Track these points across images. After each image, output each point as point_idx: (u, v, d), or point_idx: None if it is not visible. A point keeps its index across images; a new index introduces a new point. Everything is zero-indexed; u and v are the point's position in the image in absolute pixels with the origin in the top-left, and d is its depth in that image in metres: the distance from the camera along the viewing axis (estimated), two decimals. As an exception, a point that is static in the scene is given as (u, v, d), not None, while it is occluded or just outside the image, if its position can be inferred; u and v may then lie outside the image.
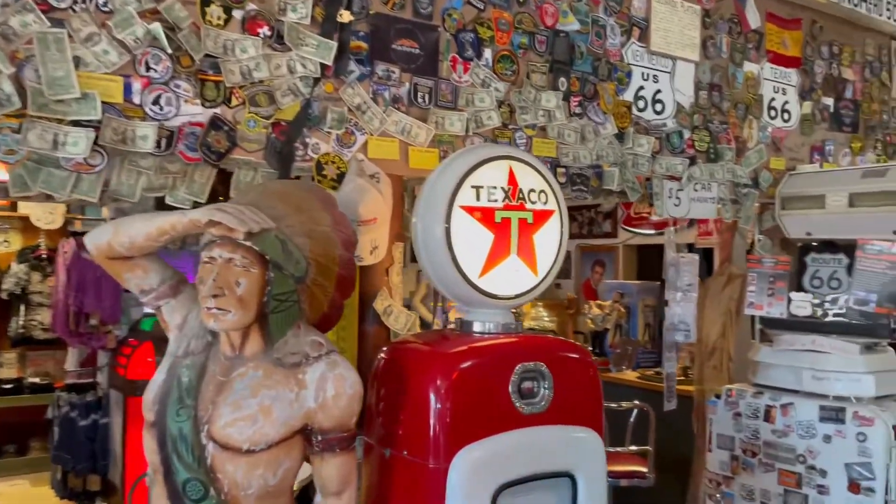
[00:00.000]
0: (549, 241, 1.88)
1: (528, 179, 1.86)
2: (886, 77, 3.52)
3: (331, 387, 1.56)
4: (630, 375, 4.14)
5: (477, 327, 1.87)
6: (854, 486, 2.36)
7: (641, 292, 4.55)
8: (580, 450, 1.81)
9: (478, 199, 1.80)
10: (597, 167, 2.56)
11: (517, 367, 1.74)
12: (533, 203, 1.85)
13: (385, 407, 1.82)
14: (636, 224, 5.72)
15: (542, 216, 1.87)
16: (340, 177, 2.08)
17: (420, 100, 2.24)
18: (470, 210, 1.78)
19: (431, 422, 1.68)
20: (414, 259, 2.01)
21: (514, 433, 1.72)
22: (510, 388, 1.73)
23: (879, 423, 2.32)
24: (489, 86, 2.34)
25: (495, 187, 1.81)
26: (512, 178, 1.84)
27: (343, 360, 1.61)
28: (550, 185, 1.90)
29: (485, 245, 1.79)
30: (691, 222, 5.47)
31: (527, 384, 1.76)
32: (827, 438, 2.43)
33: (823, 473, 2.43)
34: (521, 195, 1.84)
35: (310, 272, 1.63)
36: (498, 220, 1.80)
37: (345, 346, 2.08)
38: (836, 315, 2.64)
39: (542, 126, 2.45)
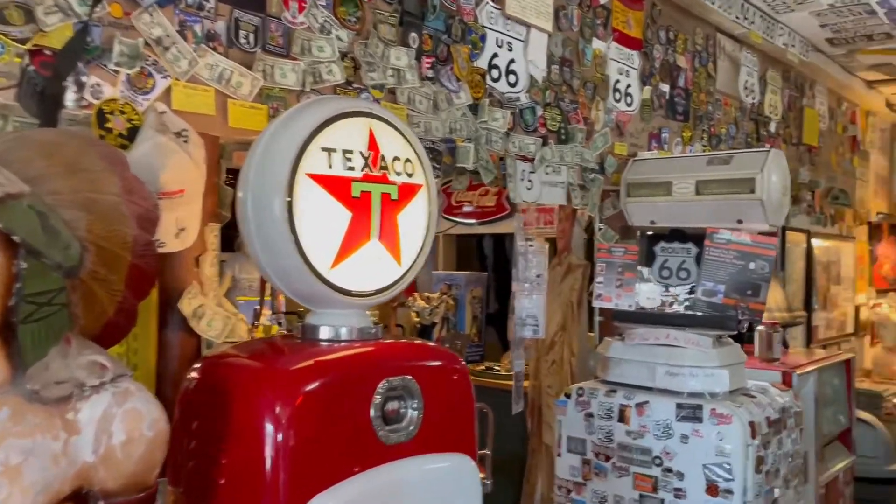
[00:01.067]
0: (416, 222, 1.50)
1: (392, 145, 1.46)
2: (712, 69, 3.56)
3: (119, 429, 1.07)
4: (460, 372, 3.90)
5: (325, 333, 1.44)
6: (712, 489, 2.25)
7: (470, 283, 4.33)
8: (456, 485, 1.46)
9: (330, 165, 1.36)
10: (450, 142, 2.22)
11: (380, 385, 1.35)
12: (398, 174, 1.46)
13: (197, 447, 1.34)
14: (456, 213, 5.51)
15: (408, 191, 1.48)
16: (133, 132, 1.54)
17: (243, 40, 1.75)
18: (320, 180, 1.35)
19: (266, 466, 1.23)
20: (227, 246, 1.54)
21: (376, 471, 1.33)
22: (372, 413, 1.33)
23: (737, 421, 2.22)
24: (329, 32, 1.90)
25: (352, 152, 1.39)
26: (373, 142, 1.43)
27: (139, 389, 1.11)
28: (418, 154, 1.52)
29: (339, 226, 1.37)
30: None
31: (392, 405, 1.37)
32: (684, 438, 2.30)
33: (681, 476, 2.30)
34: (383, 164, 1.44)
35: (86, 261, 1.11)
36: (356, 193, 1.39)
37: (139, 363, 1.54)
38: (684, 307, 2.55)
39: (392, 88, 2.06)
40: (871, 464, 3.90)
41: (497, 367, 3.81)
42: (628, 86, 3.01)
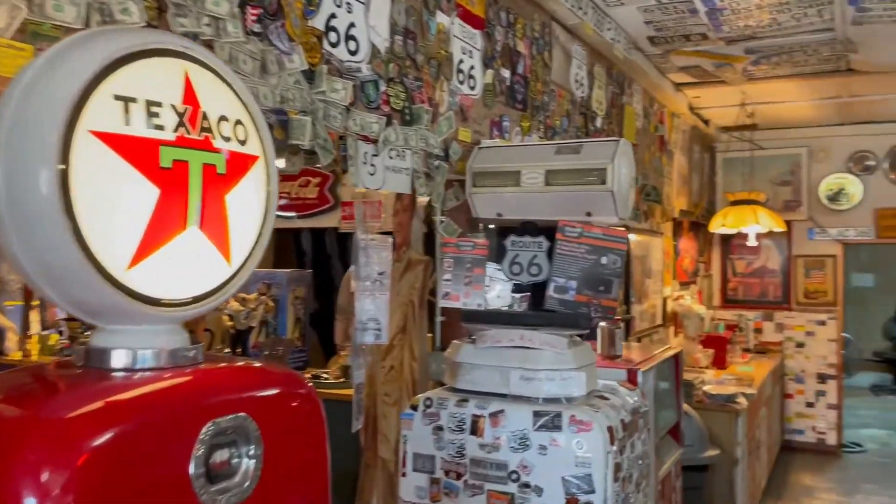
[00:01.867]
0: (251, 205, 1.14)
1: (218, 100, 1.09)
2: (548, 57, 3.46)
3: None
4: (281, 381, 3.49)
5: (120, 359, 1.03)
6: (572, 502, 2.08)
7: (292, 282, 3.91)
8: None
9: (127, 122, 0.96)
10: (281, 113, 1.85)
11: (204, 429, 0.97)
12: (226, 140, 1.09)
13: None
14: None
15: (239, 164, 1.11)
16: None
17: (-5, -48, 1.27)
18: (112, 141, 0.94)
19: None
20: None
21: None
22: (192, 470, 0.96)
23: (596, 428, 2.07)
24: (125, -42, 1.46)
25: (160, 104, 1.00)
26: (190, 93, 1.04)
27: None
28: (253, 116, 1.15)
29: (141, 209, 0.97)
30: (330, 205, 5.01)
31: (220, 455, 1.01)
32: (542, 450, 2.11)
33: (539, 491, 2.11)
34: (205, 124, 1.05)
35: None
36: (166, 163, 1.00)
37: None
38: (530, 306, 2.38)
39: (209, 41, 1.64)
40: (688, 451, 4.04)
41: (325, 375, 3.45)
42: (471, 67, 2.80)
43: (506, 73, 3.06)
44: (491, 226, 2.59)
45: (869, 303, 11.32)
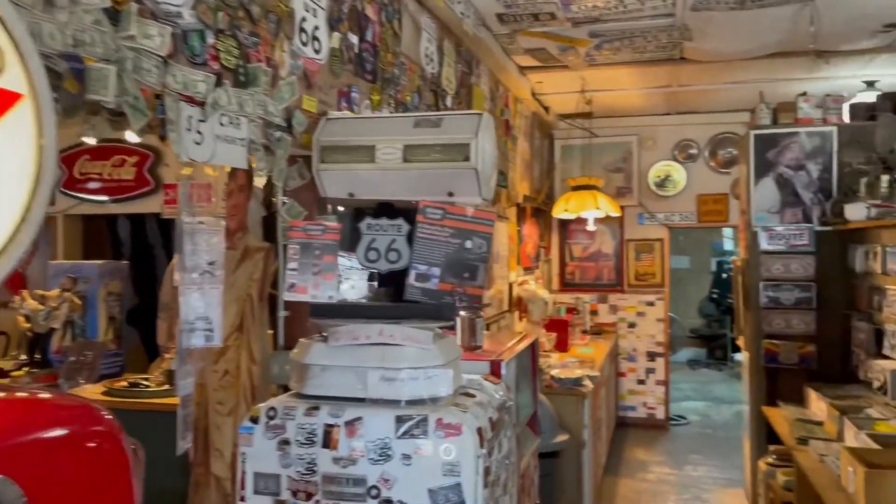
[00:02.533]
0: (11, 164, 0.77)
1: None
2: (398, 27, 3.20)
3: None
4: (92, 391, 2.96)
5: None
6: (441, 516, 1.85)
7: (104, 276, 3.37)
8: None
9: None
10: (75, 60, 1.44)
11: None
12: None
13: None
14: (81, 188, 4.41)
15: (-11, 102, 0.74)
16: None
17: None
18: None
19: None
20: None
21: None
22: None
23: (466, 430, 1.86)
24: None
25: None
26: None
27: None
28: (13, 38, 0.78)
29: None
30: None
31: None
32: (406, 459, 1.86)
33: (404, 506, 1.86)
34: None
35: None
36: None
37: None
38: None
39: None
40: (541, 438, 3.98)
41: (145, 383, 2.98)
42: (316, 28, 2.47)
43: (354, 39, 2.76)
44: (341, 208, 2.29)
45: (685, 283, 12.20)
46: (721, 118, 7.18)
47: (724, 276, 10.97)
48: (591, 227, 6.16)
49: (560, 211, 5.68)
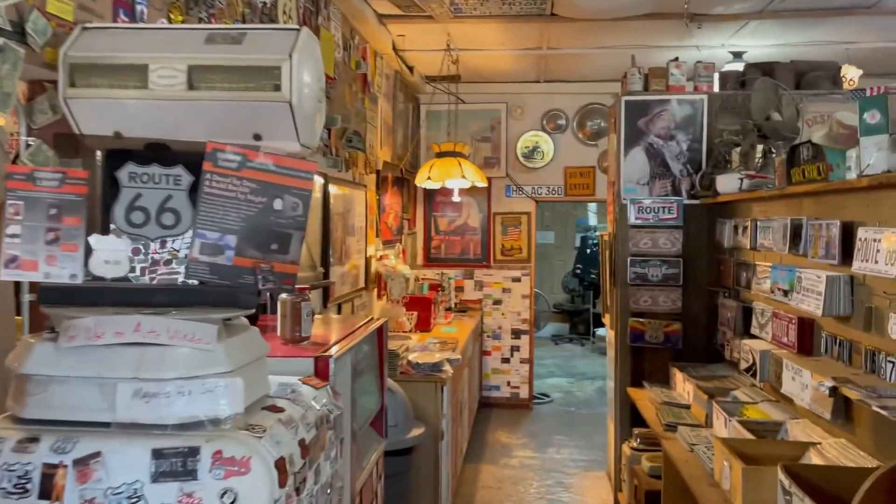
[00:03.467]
0: None
1: None
2: (213, -67, 2.54)
3: None
4: None
5: None
6: (219, 590, 1.30)
7: None
8: None
9: None
10: None
11: None
12: None
13: None
14: None
15: None
16: None
17: None
18: None
19: None
20: None
21: None
22: None
23: (258, 465, 1.31)
24: None
25: None
26: None
27: None
28: None
29: None
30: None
31: None
32: (168, 511, 1.30)
33: (163, 578, 1.29)
34: None
35: None
36: None
37: None
38: (169, 274, 1.53)
39: None
40: (392, 434, 3.50)
41: None
42: None
43: (140, -67, 2.08)
44: (100, 150, 1.65)
45: (550, 259, 12.18)
46: (590, 87, 6.94)
47: (589, 251, 10.99)
48: (456, 197, 5.73)
49: (423, 179, 5.20)
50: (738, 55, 5.36)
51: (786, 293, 3.21)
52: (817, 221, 2.86)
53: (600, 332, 10.30)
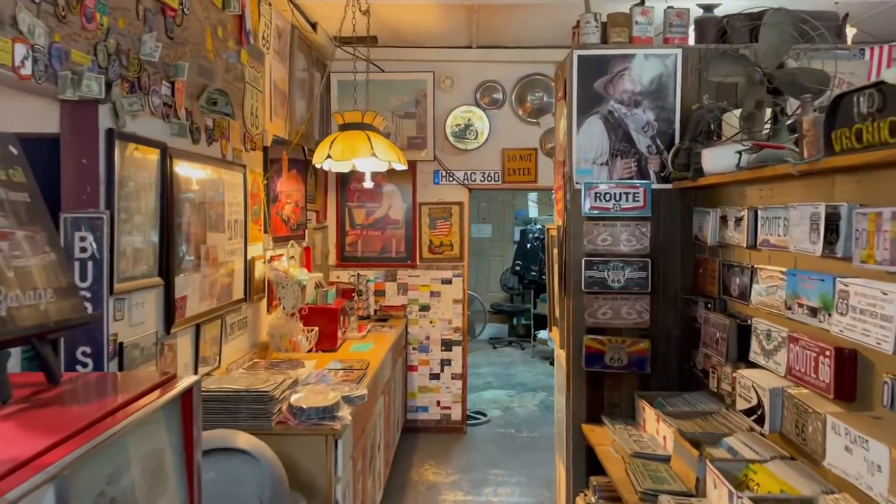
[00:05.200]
0: None
1: None
2: None
3: None
4: None
5: None
6: None
7: None
8: None
9: None
10: None
11: None
12: None
13: None
14: None
15: None
16: None
17: None
18: None
19: None
20: None
21: None
22: None
23: None
24: None
25: None
26: None
27: None
28: None
29: None
30: None
31: None
32: None
33: None
34: None
35: None
36: None
37: None
38: None
39: None
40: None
41: None
42: None
43: None
44: None
45: (487, 255, 11.18)
46: (532, 55, 5.92)
47: (529, 246, 10.02)
48: (368, 183, 4.61)
49: (321, 158, 4.06)
50: (708, 9, 4.40)
51: (814, 312, 2.23)
52: (871, 210, 1.87)
53: (542, 334, 9.35)
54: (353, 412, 3.25)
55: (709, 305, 3.27)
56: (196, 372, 3.23)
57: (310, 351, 4.31)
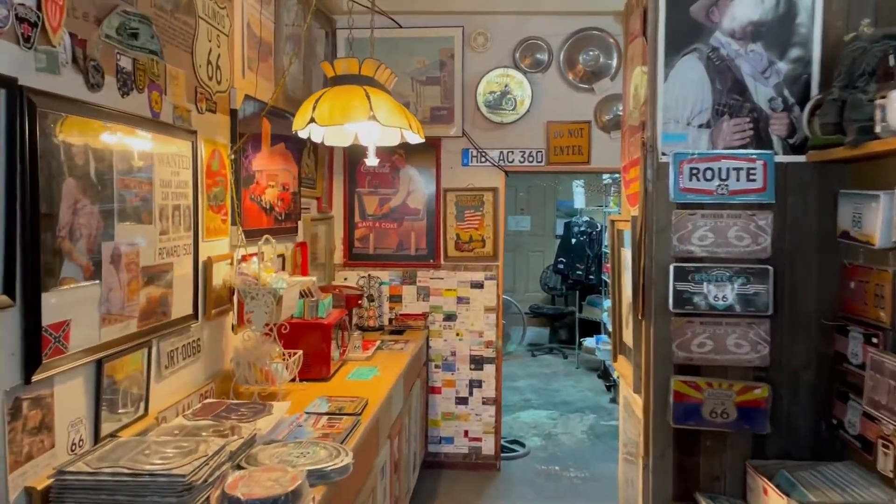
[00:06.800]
0: None
1: None
2: None
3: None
4: None
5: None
6: None
7: None
8: None
9: None
10: None
11: None
12: None
13: None
14: None
15: None
16: None
17: None
18: None
19: None
20: None
21: None
22: None
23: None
24: None
25: None
26: None
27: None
28: None
29: None
30: None
31: None
32: None
33: None
34: None
35: None
36: None
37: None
38: None
39: None
40: None
41: None
42: None
43: None
44: None
45: (525, 251, 10.04)
46: (584, 4, 4.75)
47: (574, 241, 8.84)
48: (371, 160, 3.51)
49: (302, 122, 2.95)
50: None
51: None
52: None
53: (588, 342, 8.18)
54: (330, 493, 2.17)
55: (873, 340, 2.12)
56: (97, 430, 2.18)
57: (293, 380, 3.25)
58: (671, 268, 2.40)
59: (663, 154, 2.43)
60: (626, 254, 2.86)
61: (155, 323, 2.50)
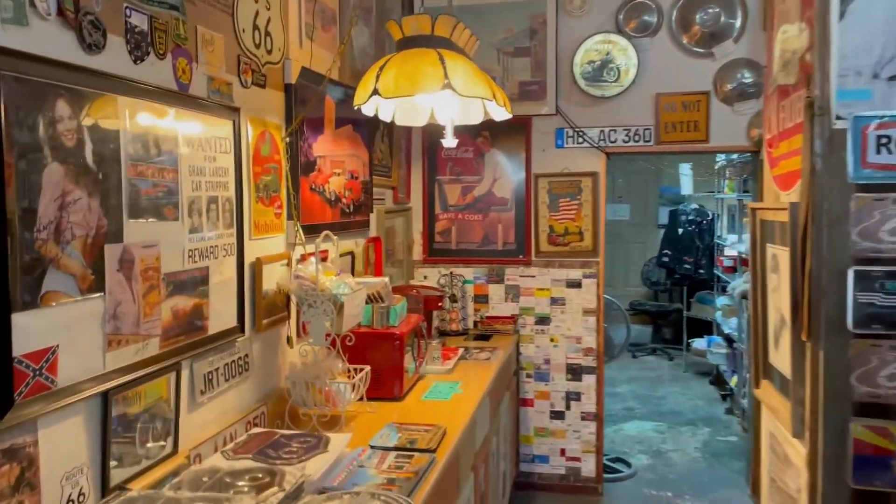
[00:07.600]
0: None
1: None
2: None
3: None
4: None
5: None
6: None
7: None
8: None
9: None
10: None
11: None
12: None
13: None
14: None
15: None
16: None
17: None
18: None
19: None
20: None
21: None
22: None
23: None
24: None
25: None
26: None
27: None
28: None
29: None
30: None
31: None
32: None
33: None
34: None
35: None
36: None
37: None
38: None
39: None
40: None
41: None
42: None
43: None
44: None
45: (624, 242, 9.28)
46: (702, -47, 4.04)
47: (681, 231, 8.03)
48: (449, 140, 2.98)
49: (363, 97, 2.44)
50: None
51: None
52: None
53: (697, 343, 7.39)
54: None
55: None
56: (105, 480, 1.75)
57: (360, 399, 2.77)
58: (850, 272, 1.74)
59: (839, 118, 1.78)
60: (777, 252, 2.20)
61: (185, 340, 2.05)
